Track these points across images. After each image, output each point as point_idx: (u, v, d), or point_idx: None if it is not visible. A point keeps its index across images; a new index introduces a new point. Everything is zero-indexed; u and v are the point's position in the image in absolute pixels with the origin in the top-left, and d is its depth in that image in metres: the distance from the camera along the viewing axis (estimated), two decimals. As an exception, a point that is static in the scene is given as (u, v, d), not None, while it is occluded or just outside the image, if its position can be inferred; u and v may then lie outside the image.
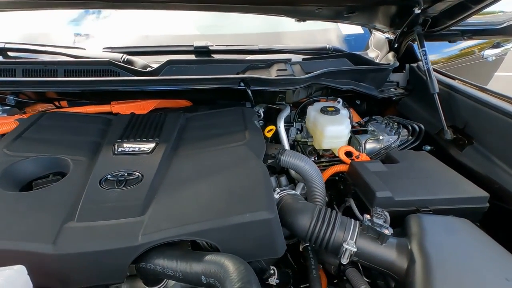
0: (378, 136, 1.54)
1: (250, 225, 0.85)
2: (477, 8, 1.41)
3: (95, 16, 2.29)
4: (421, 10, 1.44)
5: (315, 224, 0.98)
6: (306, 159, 1.20)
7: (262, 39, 1.93)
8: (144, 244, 0.78)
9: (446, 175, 1.25)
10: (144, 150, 1.11)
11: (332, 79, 1.58)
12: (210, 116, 1.38)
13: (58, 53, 1.41)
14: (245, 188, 0.94)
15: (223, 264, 0.74)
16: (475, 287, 0.78)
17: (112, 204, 0.87)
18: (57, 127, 1.19)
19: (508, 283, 0.78)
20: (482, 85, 1.52)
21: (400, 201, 1.11)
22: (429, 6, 1.46)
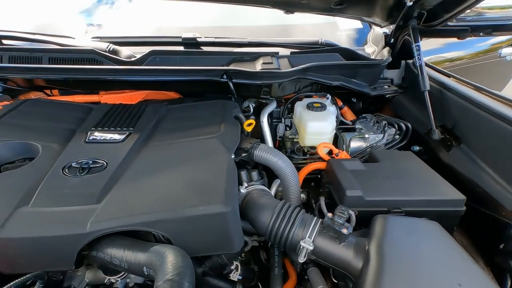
0: (364, 135, 1.49)
1: (204, 218, 0.84)
2: (473, 0, 1.33)
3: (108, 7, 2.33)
4: (414, 2, 1.37)
5: (275, 220, 0.96)
6: (280, 154, 1.18)
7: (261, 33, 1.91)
8: (92, 232, 0.78)
9: (425, 177, 1.19)
10: (115, 139, 1.11)
11: (321, 74, 1.53)
12: (190, 108, 1.38)
13: (47, 41, 1.43)
14: (206, 181, 0.93)
15: (162, 255, 0.74)
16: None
17: (69, 191, 0.88)
18: (36, 113, 1.21)
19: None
20: (479, 84, 1.44)
21: (371, 201, 1.07)
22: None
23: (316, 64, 1.47)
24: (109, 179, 0.93)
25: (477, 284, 0.77)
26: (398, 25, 1.61)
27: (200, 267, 1.00)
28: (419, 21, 1.57)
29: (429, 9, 1.51)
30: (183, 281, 0.65)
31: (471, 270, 0.81)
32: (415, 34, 1.53)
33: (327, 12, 1.54)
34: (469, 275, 0.80)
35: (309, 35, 1.88)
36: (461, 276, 0.78)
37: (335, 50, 1.62)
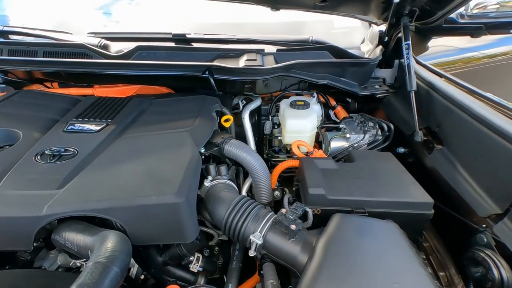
0: (346, 134, 1.46)
1: (156, 208, 0.87)
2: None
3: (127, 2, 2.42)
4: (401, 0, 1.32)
5: (230, 214, 0.98)
6: (250, 150, 1.19)
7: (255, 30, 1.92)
8: (47, 216, 0.83)
9: (396, 178, 1.16)
10: (91, 130, 1.17)
11: (307, 72, 1.52)
12: (171, 102, 1.41)
13: (46, 36, 1.51)
14: (165, 172, 0.96)
15: (103, 240, 0.77)
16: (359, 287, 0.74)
17: (36, 176, 0.94)
18: (26, 103, 1.29)
19: (395, 287, 0.73)
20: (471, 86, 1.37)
21: (334, 199, 1.06)
22: None
23: (300, 61, 1.46)
24: (75, 166, 0.98)
25: (415, 286, 0.75)
26: (390, 23, 1.57)
27: (161, 256, 1.04)
28: (411, 19, 1.51)
29: (421, 6, 1.46)
30: (112, 265, 0.68)
31: (413, 273, 0.79)
32: (406, 32, 1.48)
33: (313, 9, 1.52)
34: (410, 277, 0.77)
35: (304, 33, 1.87)
36: (400, 277, 0.76)
37: (324, 48, 1.60)
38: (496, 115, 1.07)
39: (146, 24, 2.02)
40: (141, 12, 2.20)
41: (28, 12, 2.03)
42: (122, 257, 0.73)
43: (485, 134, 1.08)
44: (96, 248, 0.76)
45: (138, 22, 2.09)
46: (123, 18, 2.17)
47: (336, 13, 1.65)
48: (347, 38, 2.02)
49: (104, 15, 2.25)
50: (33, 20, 1.93)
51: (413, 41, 1.95)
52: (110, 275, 0.66)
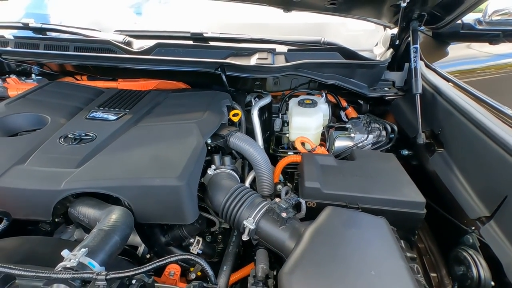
0: (350, 134, 1.48)
1: (159, 189, 0.95)
2: (472, 2, 1.26)
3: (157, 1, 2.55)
4: (408, 4, 1.33)
5: (227, 200, 1.03)
6: (254, 144, 1.24)
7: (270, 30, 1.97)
8: (64, 190, 0.92)
9: (393, 177, 1.17)
10: (110, 118, 1.26)
11: (316, 72, 1.55)
12: (185, 96, 1.49)
13: (77, 33, 1.64)
14: (170, 158, 1.04)
15: (110, 212, 0.85)
16: (336, 274, 0.77)
17: (59, 155, 1.04)
18: (56, 93, 1.41)
19: (371, 276, 0.76)
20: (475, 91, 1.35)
21: (328, 194, 1.09)
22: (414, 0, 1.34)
23: (309, 61, 1.49)
24: (92, 149, 1.08)
25: (392, 277, 0.77)
26: (401, 26, 1.57)
27: (164, 236, 1.11)
28: (420, 23, 1.51)
29: (430, 11, 1.45)
30: (113, 234, 0.76)
31: (393, 265, 0.81)
32: (414, 36, 1.48)
33: (324, 11, 1.54)
34: (388, 267, 0.80)
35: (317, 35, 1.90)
36: (379, 267, 0.79)
37: (334, 49, 1.62)
38: (493, 121, 1.07)
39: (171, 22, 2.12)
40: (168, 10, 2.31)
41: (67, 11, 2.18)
42: (123, 228, 0.81)
43: (481, 139, 1.07)
44: (102, 219, 0.84)
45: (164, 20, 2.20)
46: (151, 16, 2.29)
47: (347, 15, 1.67)
48: (360, 40, 2.03)
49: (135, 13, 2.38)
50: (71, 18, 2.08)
51: (430, 46, 1.94)
52: (111, 241, 0.74)
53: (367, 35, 2.02)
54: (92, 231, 0.76)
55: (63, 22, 1.94)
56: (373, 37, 2.01)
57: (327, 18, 1.87)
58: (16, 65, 1.69)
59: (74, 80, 1.76)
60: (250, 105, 1.71)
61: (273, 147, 1.56)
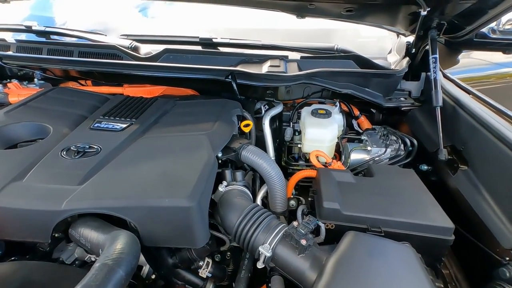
0: (367, 147, 1.38)
1: (167, 210, 0.85)
2: (495, 13, 1.16)
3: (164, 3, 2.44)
4: (428, 12, 1.23)
5: (241, 222, 0.94)
6: (267, 158, 1.15)
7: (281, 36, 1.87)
8: (65, 211, 0.83)
9: (416, 197, 1.08)
10: (116, 129, 1.17)
11: (330, 81, 1.46)
12: (194, 105, 1.40)
13: (82, 37, 1.55)
14: (179, 175, 0.94)
15: (114, 239, 0.76)
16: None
17: (60, 170, 0.95)
18: (59, 100, 1.32)
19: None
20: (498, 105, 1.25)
21: (348, 215, 0.99)
22: (434, 8, 1.25)
23: (323, 70, 1.40)
24: (96, 164, 0.98)
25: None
26: (418, 35, 1.47)
27: (171, 258, 1.02)
28: (439, 32, 1.41)
29: (449, 20, 1.36)
30: (117, 268, 0.66)
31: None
32: (433, 45, 1.39)
33: (339, 18, 1.45)
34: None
35: (329, 41, 1.80)
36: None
37: (349, 57, 1.53)
38: None
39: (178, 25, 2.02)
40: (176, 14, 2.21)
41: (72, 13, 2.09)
42: (129, 259, 0.71)
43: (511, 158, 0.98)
44: (106, 247, 0.75)
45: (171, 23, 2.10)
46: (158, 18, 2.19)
47: (362, 22, 1.57)
48: (373, 47, 1.93)
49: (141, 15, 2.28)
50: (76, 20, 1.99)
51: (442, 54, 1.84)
52: (115, 277, 0.64)
53: (379, 42, 1.93)
54: (95, 265, 0.66)
55: (67, 24, 1.85)
56: (385, 44, 1.92)
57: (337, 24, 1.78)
58: (18, 70, 1.59)
59: (78, 85, 1.67)
60: (259, 113, 1.62)
61: (285, 159, 1.46)
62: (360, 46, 1.75)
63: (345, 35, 1.92)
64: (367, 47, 1.89)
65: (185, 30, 1.89)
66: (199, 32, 1.62)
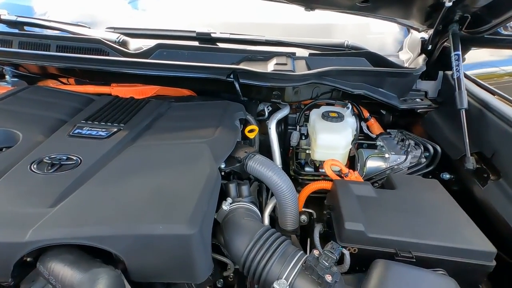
0: (384, 154, 1.23)
1: (162, 239, 0.68)
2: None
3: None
4: (454, 3, 1.09)
5: (252, 249, 0.77)
6: (277, 169, 0.98)
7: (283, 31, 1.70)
8: (31, 242, 0.65)
9: (448, 215, 0.93)
10: (100, 135, 0.99)
11: (341, 80, 1.30)
12: (192, 107, 1.23)
13: (62, 29, 1.35)
14: (177, 193, 0.77)
15: (93, 282, 0.59)
16: None
17: (28, 189, 0.76)
18: (33, 101, 1.13)
19: None
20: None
21: (375, 238, 0.84)
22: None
23: (335, 68, 1.25)
24: (75, 179, 0.80)
25: None
26: (436, 29, 1.33)
27: (166, 292, 0.85)
28: (461, 26, 1.27)
29: (474, 12, 1.21)
30: None
31: None
32: (455, 41, 1.24)
33: (352, 11, 1.29)
34: None
35: (336, 37, 1.65)
36: None
37: (361, 54, 1.38)
38: None
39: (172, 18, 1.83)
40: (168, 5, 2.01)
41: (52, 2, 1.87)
42: None
43: None
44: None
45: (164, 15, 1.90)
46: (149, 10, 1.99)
47: (376, 16, 1.41)
48: (382, 43, 1.78)
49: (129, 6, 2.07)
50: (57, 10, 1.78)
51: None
52: None
53: (388, 38, 1.78)
54: None
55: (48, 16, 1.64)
56: (395, 40, 1.78)
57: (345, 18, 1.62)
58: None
59: (59, 84, 1.47)
60: (262, 115, 1.46)
61: (294, 168, 1.30)
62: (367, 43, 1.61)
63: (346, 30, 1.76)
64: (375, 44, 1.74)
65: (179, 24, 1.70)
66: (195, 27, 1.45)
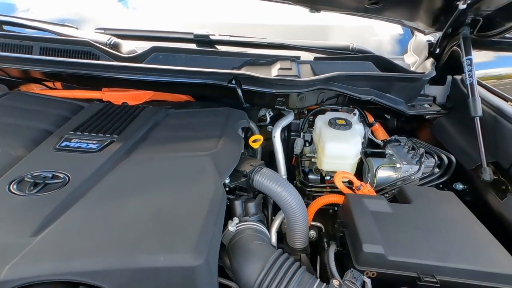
0: (395, 163, 1.16)
1: (164, 272, 0.59)
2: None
3: None
4: (468, 6, 1.02)
5: (264, 278, 0.69)
6: (285, 184, 0.90)
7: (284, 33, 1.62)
8: (8, 282, 0.55)
9: (470, 233, 0.86)
10: (91, 149, 0.88)
11: (348, 86, 1.23)
12: (191, 115, 1.13)
13: (46, 30, 1.23)
14: (180, 216, 0.68)
15: None
16: None
17: (5, 215, 0.66)
18: (13, 108, 1.01)
19: None
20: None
21: (396, 262, 0.77)
22: (477, 0, 1.04)
23: (343, 73, 1.17)
24: (62, 201, 0.70)
25: None
26: (445, 32, 1.27)
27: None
28: (472, 29, 1.21)
29: (486, 15, 1.15)
30: None
31: None
32: (466, 45, 1.18)
33: (360, 13, 1.22)
34: None
35: (339, 39, 1.58)
36: None
37: (368, 58, 1.31)
38: None
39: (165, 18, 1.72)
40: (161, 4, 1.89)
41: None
42: None
43: None
44: None
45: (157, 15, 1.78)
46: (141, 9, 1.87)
47: (382, 18, 1.35)
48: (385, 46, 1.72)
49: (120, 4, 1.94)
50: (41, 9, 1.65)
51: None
52: None
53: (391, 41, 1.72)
54: None
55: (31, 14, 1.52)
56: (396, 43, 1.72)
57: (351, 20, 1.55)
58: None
59: (44, 89, 1.35)
60: (263, 121, 1.38)
61: (301, 179, 1.21)
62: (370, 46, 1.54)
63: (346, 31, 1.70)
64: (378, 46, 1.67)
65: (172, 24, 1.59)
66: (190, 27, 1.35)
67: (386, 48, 1.66)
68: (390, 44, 1.68)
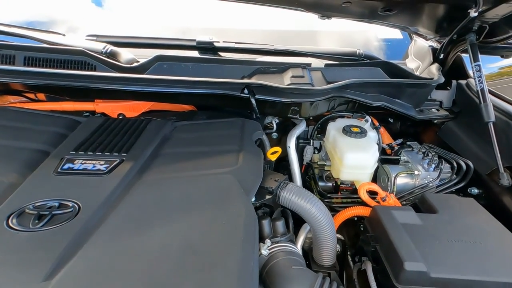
0: (413, 170, 1.13)
1: None
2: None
3: None
4: (479, 14, 1.02)
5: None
6: (314, 200, 0.83)
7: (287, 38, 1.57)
8: None
9: (504, 244, 0.84)
10: (99, 170, 0.78)
11: (360, 93, 1.20)
12: (202, 127, 1.05)
13: (29, 37, 1.10)
14: (215, 247, 0.60)
15: None
16: None
17: (8, 255, 0.55)
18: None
19: None
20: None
21: (439, 279, 0.72)
22: (489, 8, 1.04)
23: (356, 81, 1.14)
24: (75, 235, 0.60)
25: None
26: (451, 38, 1.27)
27: None
28: (478, 36, 1.22)
29: (493, 22, 1.16)
30: None
31: None
32: (474, 51, 1.19)
33: (370, 19, 1.20)
34: None
35: (341, 44, 1.55)
36: None
37: (377, 64, 1.29)
38: None
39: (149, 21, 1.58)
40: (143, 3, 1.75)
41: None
42: None
43: None
44: None
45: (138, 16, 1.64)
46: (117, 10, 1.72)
47: (389, 24, 1.34)
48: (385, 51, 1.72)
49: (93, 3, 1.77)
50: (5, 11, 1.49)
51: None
52: None
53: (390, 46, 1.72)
54: None
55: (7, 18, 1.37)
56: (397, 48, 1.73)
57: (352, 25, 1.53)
58: None
59: (24, 101, 1.21)
60: (269, 128, 1.32)
61: (319, 189, 1.16)
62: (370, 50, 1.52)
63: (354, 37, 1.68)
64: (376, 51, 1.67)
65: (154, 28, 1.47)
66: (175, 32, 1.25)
67: (386, 53, 1.66)
68: (390, 49, 1.68)
